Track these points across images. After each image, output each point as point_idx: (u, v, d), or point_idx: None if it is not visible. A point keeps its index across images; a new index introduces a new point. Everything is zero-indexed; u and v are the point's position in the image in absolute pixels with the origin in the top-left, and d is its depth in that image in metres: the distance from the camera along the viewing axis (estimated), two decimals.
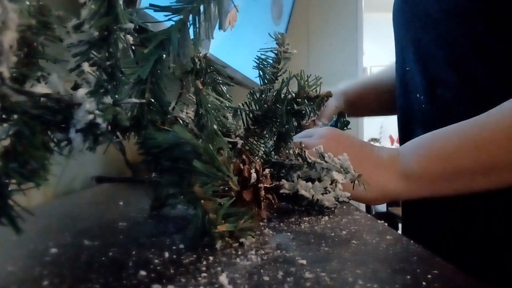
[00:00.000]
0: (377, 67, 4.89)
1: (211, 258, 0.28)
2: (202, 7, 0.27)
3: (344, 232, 0.36)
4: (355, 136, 0.63)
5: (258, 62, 0.51)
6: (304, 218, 0.42)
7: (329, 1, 2.08)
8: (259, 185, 0.39)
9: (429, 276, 0.25)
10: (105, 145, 0.29)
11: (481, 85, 0.55)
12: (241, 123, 0.48)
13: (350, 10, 2.09)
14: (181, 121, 0.37)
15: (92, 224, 0.39)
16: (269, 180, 0.41)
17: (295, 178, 0.46)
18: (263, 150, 0.50)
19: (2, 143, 0.23)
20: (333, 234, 0.36)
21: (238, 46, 1.27)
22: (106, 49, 0.28)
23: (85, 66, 0.27)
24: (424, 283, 0.24)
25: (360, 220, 0.41)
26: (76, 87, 0.28)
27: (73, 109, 0.25)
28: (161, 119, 0.32)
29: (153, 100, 0.31)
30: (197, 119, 0.33)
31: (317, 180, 0.46)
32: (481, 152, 0.46)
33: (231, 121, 0.47)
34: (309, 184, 0.45)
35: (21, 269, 0.26)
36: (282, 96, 0.46)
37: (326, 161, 0.45)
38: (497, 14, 0.53)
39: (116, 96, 0.28)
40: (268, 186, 0.40)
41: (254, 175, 0.39)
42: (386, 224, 0.39)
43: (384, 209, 2.91)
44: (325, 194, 0.45)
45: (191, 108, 0.43)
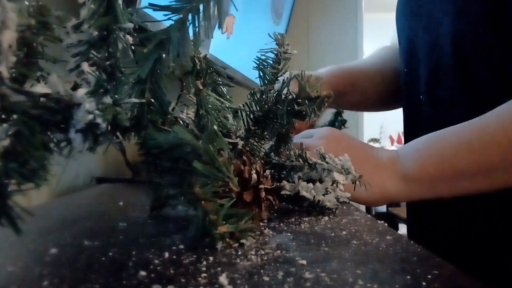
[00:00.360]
0: None
1: (211, 258, 0.28)
2: (201, 6, 0.27)
3: (344, 232, 0.36)
4: (355, 136, 0.62)
5: (258, 62, 0.51)
6: (304, 218, 0.42)
7: (329, 1, 2.08)
8: (260, 186, 0.39)
9: (429, 276, 0.25)
10: (105, 145, 0.29)
11: (481, 87, 0.55)
12: (242, 124, 0.48)
13: (350, 10, 2.09)
14: (181, 122, 0.37)
15: (92, 224, 0.39)
16: (270, 181, 0.41)
17: (296, 179, 0.46)
18: (264, 151, 0.50)
19: (2, 143, 0.23)
20: (333, 234, 0.36)
21: (238, 46, 1.27)
22: (105, 49, 0.28)
23: (85, 66, 0.27)
24: (424, 283, 0.24)
25: (360, 220, 0.41)
26: (76, 87, 0.28)
27: (73, 109, 0.25)
28: (161, 119, 0.32)
29: (153, 100, 0.31)
30: (197, 120, 0.33)
31: (318, 181, 0.46)
32: (481, 154, 0.46)
33: (231, 122, 0.47)
34: (310, 185, 0.45)
35: (21, 269, 0.26)
36: (283, 96, 0.46)
37: (327, 162, 0.45)
38: (498, 14, 0.53)
39: (116, 96, 0.28)
40: (268, 187, 0.40)
41: (254, 176, 0.38)
42: (386, 224, 0.39)
43: (384, 209, 2.91)
44: (326, 195, 0.45)
45: (192, 108, 0.43)
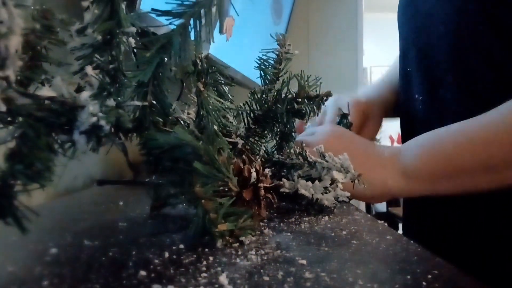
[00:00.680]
0: (377, 67, 4.88)
1: (211, 258, 0.29)
2: (203, 11, 0.27)
3: (344, 232, 0.37)
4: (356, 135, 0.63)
5: (259, 62, 0.51)
6: (304, 218, 0.43)
7: (329, 1, 2.08)
8: (259, 184, 0.39)
9: (429, 276, 0.25)
10: (108, 146, 0.30)
11: (481, 86, 0.55)
12: (242, 123, 0.49)
13: (350, 10, 2.09)
14: (182, 122, 0.38)
15: (92, 224, 0.39)
16: (269, 179, 0.41)
17: (296, 177, 0.47)
18: (264, 149, 0.51)
19: (8, 145, 0.24)
20: (333, 234, 0.36)
21: (238, 46, 1.27)
22: (109, 53, 0.28)
23: (89, 69, 0.28)
24: (424, 283, 0.24)
25: (360, 220, 0.42)
26: (80, 89, 0.28)
27: (77, 111, 0.26)
28: (162, 121, 0.33)
29: (155, 102, 0.31)
30: (198, 120, 0.34)
31: (318, 179, 0.46)
32: (482, 152, 0.46)
33: (232, 122, 0.47)
34: (309, 183, 0.45)
35: (21, 269, 0.27)
36: (283, 96, 0.47)
37: (326, 161, 0.45)
38: (498, 14, 0.53)
39: (119, 98, 0.29)
40: (268, 185, 0.40)
41: (254, 174, 0.39)
42: (386, 224, 0.40)
43: (384, 209, 2.91)
44: (325, 194, 0.45)
45: (192, 108, 0.43)
